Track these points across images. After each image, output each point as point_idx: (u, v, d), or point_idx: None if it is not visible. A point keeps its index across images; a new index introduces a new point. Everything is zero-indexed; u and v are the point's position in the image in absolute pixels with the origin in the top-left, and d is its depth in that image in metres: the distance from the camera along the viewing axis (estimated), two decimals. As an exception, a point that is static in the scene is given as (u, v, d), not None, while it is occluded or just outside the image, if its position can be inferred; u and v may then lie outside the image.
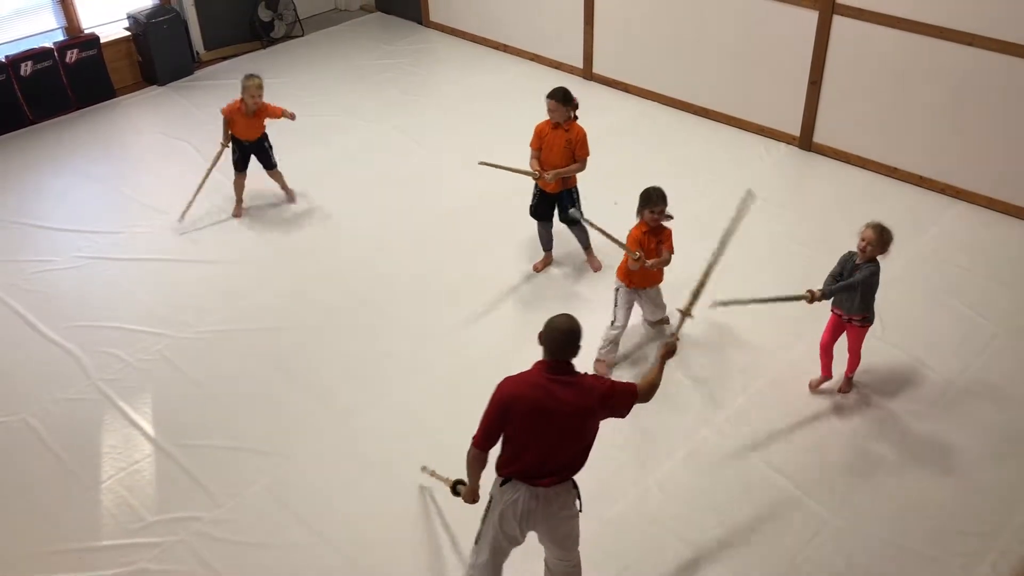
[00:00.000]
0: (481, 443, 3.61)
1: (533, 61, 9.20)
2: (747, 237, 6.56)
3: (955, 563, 4.30)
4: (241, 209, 6.94)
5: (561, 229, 6.12)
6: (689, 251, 6.22)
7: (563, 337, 3.52)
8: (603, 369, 5.37)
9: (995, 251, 6.36)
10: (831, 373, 5.29)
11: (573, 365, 3.57)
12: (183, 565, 4.37)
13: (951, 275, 6.13)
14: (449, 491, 4.29)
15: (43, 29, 8.50)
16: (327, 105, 8.45)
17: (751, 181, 7.23)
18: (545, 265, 6.28)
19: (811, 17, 7.12)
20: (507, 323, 5.82)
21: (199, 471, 4.85)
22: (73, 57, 8.42)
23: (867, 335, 5.14)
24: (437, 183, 7.25)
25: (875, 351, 5.43)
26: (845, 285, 4.84)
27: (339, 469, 4.85)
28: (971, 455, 4.85)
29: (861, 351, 5.14)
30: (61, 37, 8.58)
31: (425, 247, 6.57)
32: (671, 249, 5.18)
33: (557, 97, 5.64)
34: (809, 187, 7.30)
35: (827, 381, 5.30)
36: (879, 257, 4.85)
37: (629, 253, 4.99)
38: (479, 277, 6.20)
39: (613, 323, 5.33)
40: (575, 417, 3.52)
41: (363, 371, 5.50)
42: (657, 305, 5.46)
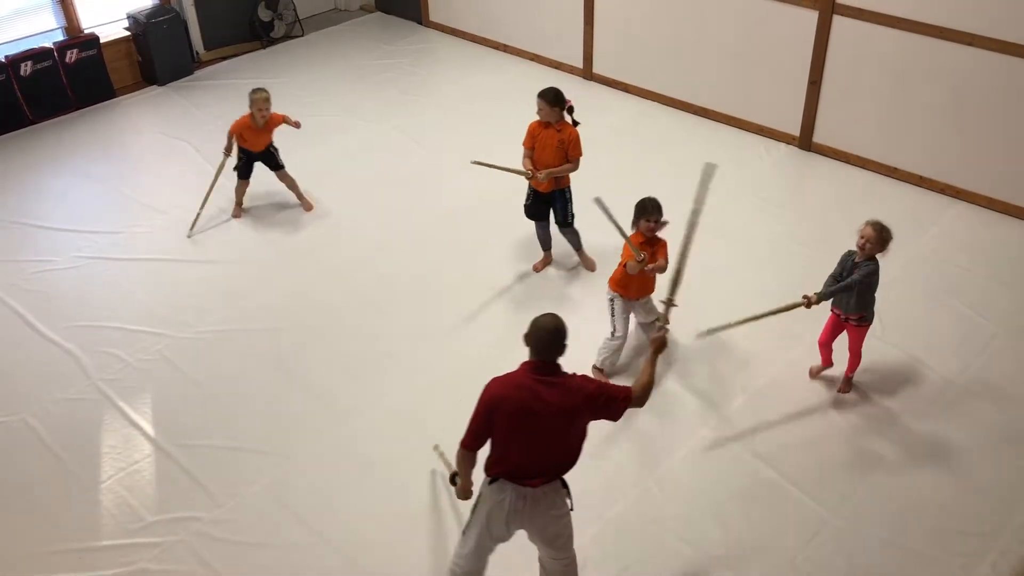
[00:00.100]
0: (469, 444, 3.62)
1: (533, 61, 9.20)
2: (747, 237, 6.60)
3: (955, 563, 4.30)
4: (240, 211, 6.95)
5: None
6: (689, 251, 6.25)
7: (548, 336, 3.50)
8: (602, 378, 5.35)
9: (995, 251, 6.36)
10: (831, 362, 5.30)
11: (559, 365, 3.55)
12: (183, 565, 4.37)
13: (951, 275, 6.13)
14: (449, 479, 4.31)
15: (43, 29, 8.50)
16: (327, 105, 8.45)
17: (751, 181, 7.25)
18: (545, 265, 6.28)
19: (811, 17, 7.12)
20: (508, 323, 5.82)
21: (199, 471, 4.85)
22: (73, 57, 8.42)
23: (869, 336, 5.14)
24: (437, 183, 7.26)
25: (875, 351, 5.43)
26: (842, 287, 4.84)
27: (339, 469, 4.85)
28: (971, 455, 4.85)
29: (861, 351, 5.14)
30: (61, 37, 8.57)
31: (425, 247, 6.57)
32: (665, 257, 5.13)
33: (547, 98, 5.61)
34: (809, 187, 7.31)
35: (827, 369, 5.32)
36: (878, 256, 4.85)
37: (635, 252, 4.97)
38: (479, 277, 6.20)
39: (614, 334, 5.26)
40: (560, 417, 3.49)
41: (363, 371, 5.50)
42: (649, 311, 5.46)
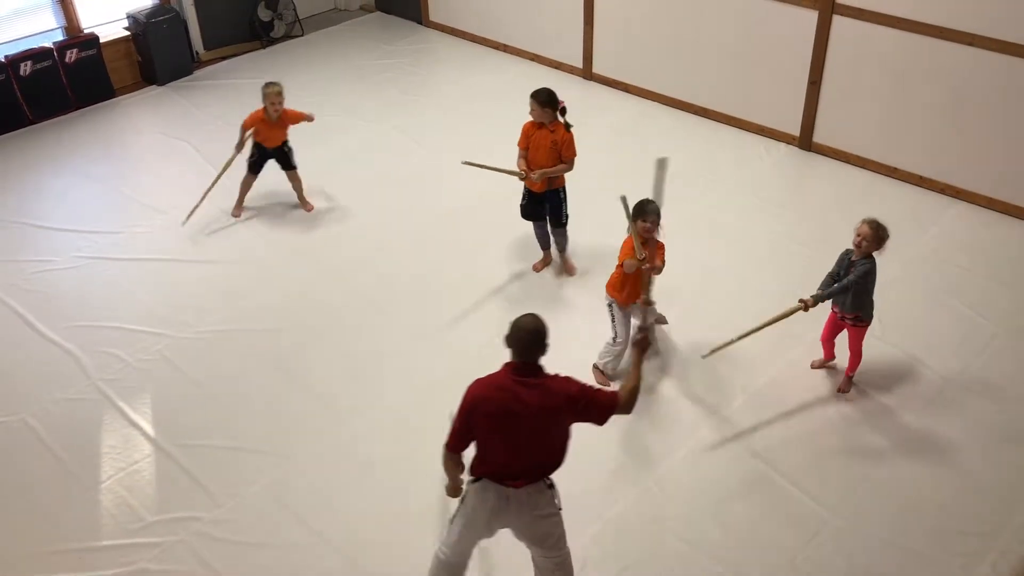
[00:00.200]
0: (452, 445, 3.63)
1: (533, 61, 9.20)
2: (747, 237, 6.60)
3: (955, 563, 4.30)
4: (240, 209, 6.93)
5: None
6: (688, 250, 6.26)
7: (529, 337, 3.50)
8: (600, 377, 5.34)
9: (995, 251, 6.36)
10: (834, 355, 5.32)
11: (541, 366, 3.54)
12: (183, 565, 4.37)
13: (951, 275, 6.13)
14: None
15: (43, 29, 8.49)
16: (327, 105, 8.44)
17: (751, 181, 7.25)
18: (544, 265, 6.27)
19: (811, 17, 7.12)
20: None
21: (199, 471, 4.85)
22: (73, 57, 8.42)
23: (869, 336, 5.14)
24: (437, 183, 7.25)
25: (875, 351, 5.43)
26: (838, 288, 4.85)
27: (339, 469, 4.85)
28: (971, 455, 4.85)
29: (861, 350, 5.14)
30: (61, 37, 8.57)
31: (425, 247, 6.57)
32: (663, 261, 5.11)
33: (539, 99, 5.61)
34: (809, 187, 7.30)
35: (830, 362, 5.35)
36: (875, 254, 4.85)
37: (638, 249, 4.97)
38: (479, 277, 6.20)
39: (615, 339, 5.25)
40: (540, 419, 3.48)
41: (363, 371, 5.49)
42: (650, 313, 5.44)
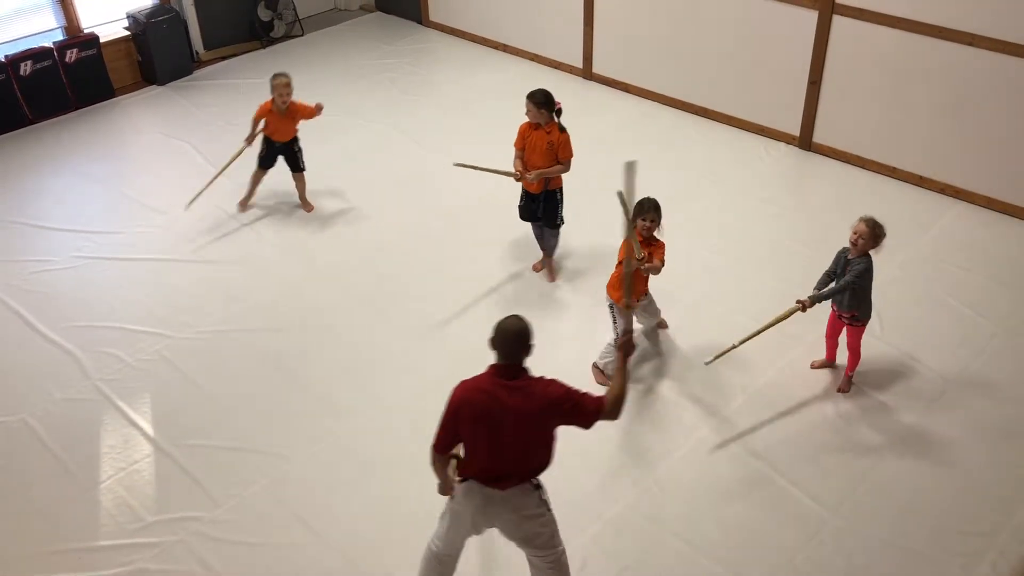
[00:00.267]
0: (438, 447, 3.63)
1: (533, 61, 9.19)
2: (747, 237, 6.60)
3: (955, 563, 4.30)
4: (247, 203, 6.92)
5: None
6: (689, 250, 6.26)
7: (512, 339, 3.50)
8: (599, 377, 5.34)
9: (995, 251, 6.36)
10: (835, 358, 5.32)
11: (525, 369, 3.53)
12: (182, 565, 4.37)
13: (951, 275, 6.13)
14: None
15: (43, 29, 8.50)
16: (327, 105, 8.35)
17: (751, 181, 7.25)
18: (544, 265, 6.27)
19: (811, 17, 7.12)
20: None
21: (198, 471, 4.85)
22: (73, 57, 8.42)
23: (868, 336, 5.13)
24: (437, 183, 7.25)
25: (875, 350, 5.43)
26: (836, 289, 4.86)
27: (339, 469, 4.85)
28: (971, 455, 4.85)
29: (860, 349, 5.14)
30: (61, 37, 8.57)
31: (425, 247, 6.57)
32: (661, 260, 5.08)
33: (534, 100, 5.61)
34: (809, 187, 7.30)
35: (829, 365, 5.34)
36: (872, 252, 4.85)
37: (636, 249, 4.95)
38: (479, 277, 6.20)
39: (616, 341, 5.26)
40: (523, 421, 3.48)
41: (363, 371, 5.49)
42: (651, 313, 5.43)
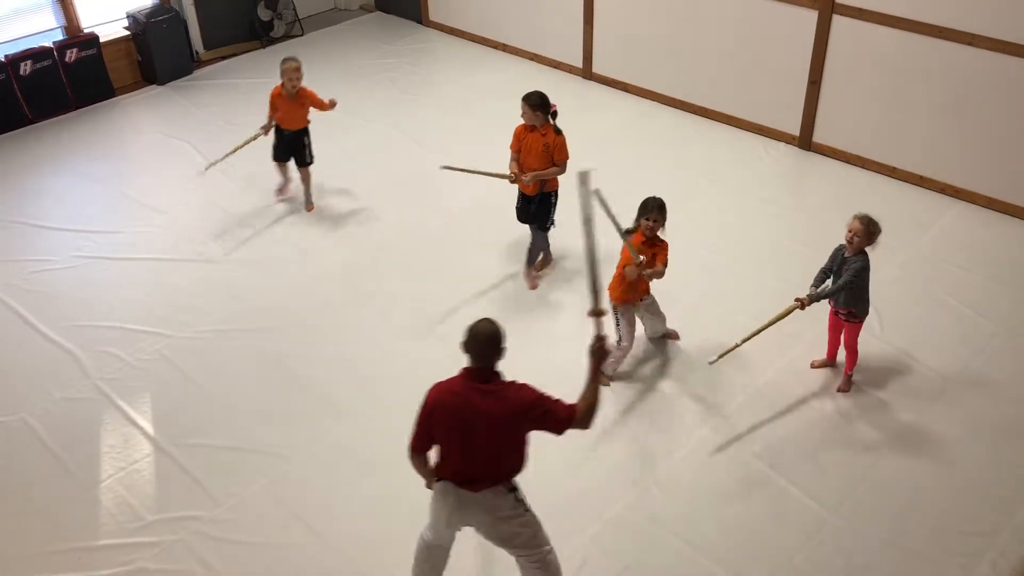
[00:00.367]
0: (414, 447, 3.68)
1: (533, 61, 9.19)
2: (747, 237, 6.60)
3: (955, 563, 4.30)
4: (285, 189, 7.06)
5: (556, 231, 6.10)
6: (688, 250, 6.26)
7: (484, 343, 3.52)
8: (601, 380, 5.32)
9: (995, 251, 6.36)
10: (835, 357, 5.33)
11: (497, 372, 3.55)
12: (182, 564, 4.37)
13: (951, 275, 6.13)
14: None
15: (42, 28, 8.50)
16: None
17: (750, 180, 7.25)
18: (544, 265, 6.27)
19: (811, 17, 7.12)
20: (506, 323, 5.79)
21: (198, 471, 4.85)
22: (73, 56, 8.42)
23: (868, 335, 5.13)
24: (437, 183, 7.23)
25: (874, 350, 5.43)
26: (834, 290, 4.87)
27: (339, 469, 4.85)
28: (971, 454, 4.85)
29: (857, 347, 5.15)
30: (60, 36, 8.57)
31: (425, 247, 6.57)
32: (664, 262, 5.08)
33: (530, 102, 5.61)
34: (809, 187, 7.31)
35: (829, 364, 5.35)
36: (868, 249, 4.86)
37: (634, 255, 4.95)
38: (479, 277, 6.20)
39: (619, 343, 5.22)
40: (494, 425, 3.50)
41: (363, 371, 5.49)
42: (656, 315, 5.41)
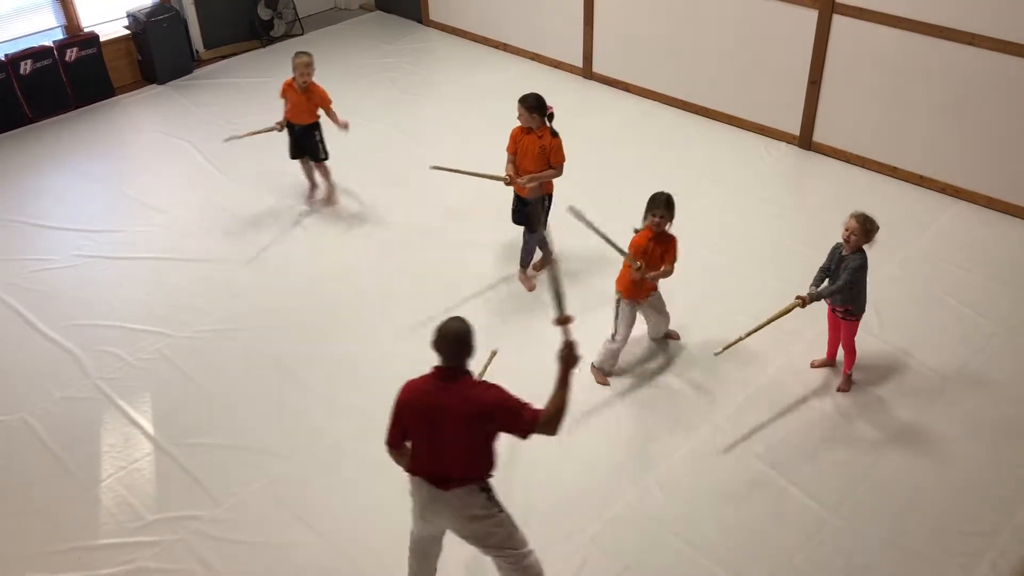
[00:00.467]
0: (389, 441, 3.73)
1: (533, 60, 9.19)
2: (747, 236, 6.60)
3: (955, 563, 4.30)
4: (313, 192, 7.07)
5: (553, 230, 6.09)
6: (689, 250, 6.23)
7: (453, 342, 3.52)
8: (599, 377, 5.35)
9: (994, 250, 6.36)
10: (835, 356, 5.33)
11: (465, 371, 3.57)
12: (182, 564, 4.37)
13: (950, 274, 6.13)
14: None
15: (43, 28, 8.50)
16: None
17: (751, 180, 7.25)
18: (544, 266, 6.27)
19: (811, 16, 7.11)
20: (506, 323, 5.81)
21: (199, 470, 4.85)
22: (73, 56, 8.41)
23: (867, 335, 5.13)
24: (437, 183, 7.22)
25: (874, 349, 5.43)
26: (834, 289, 4.87)
27: (339, 469, 4.85)
28: (971, 454, 4.85)
29: (855, 345, 5.15)
30: (61, 36, 8.57)
31: (425, 247, 6.57)
32: (674, 259, 5.08)
33: (526, 104, 5.61)
34: (809, 186, 7.31)
35: (829, 364, 5.36)
36: (865, 247, 4.86)
37: (630, 262, 4.94)
38: (480, 277, 6.20)
39: (614, 336, 5.21)
40: (459, 424, 3.51)
41: (363, 370, 5.49)
42: (661, 313, 5.39)
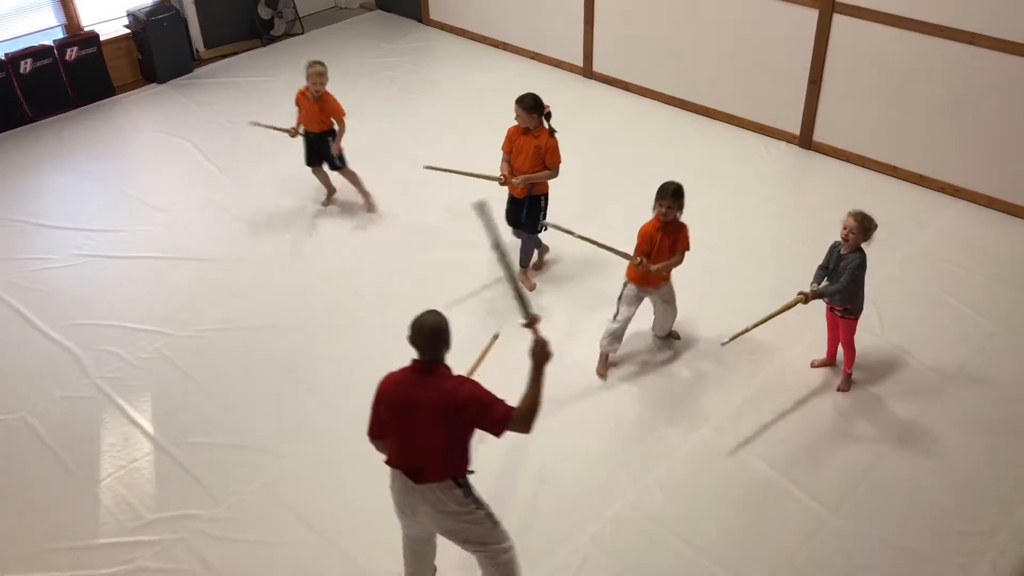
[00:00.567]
0: (369, 432, 3.77)
1: (533, 59, 9.19)
2: (747, 236, 6.60)
3: (955, 563, 4.30)
4: (330, 199, 7.05)
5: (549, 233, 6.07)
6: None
7: (428, 334, 3.55)
8: (598, 368, 5.38)
9: (994, 250, 6.36)
10: (835, 356, 5.33)
11: (440, 364, 3.59)
12: (182, 563, 4.37)
13: (950, 274, 6.13)
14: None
15: (43, 27, 8.50)
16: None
17: (751, 179, 7.25)
18: (541, 266, 6.26)
19: (811, 16, 7.11)
20: (508, 323, 5.80)
21: (198, 469, 4.85)
22: (73, 55, 8.41)
23: (867, 334, 5.13)
24: (437, 182, 7.22)
25: (874, 349, 5.43)
26: (835, 289, 4.87)
27: (339, 468, 4.85)
28: (970, 454, 4.85)
29: (854, 344, 5.15)
30: (61, 35, 8.57)
31: (425, 246, 6.57)
32: (685, 248, 5.10)
33: (524, 104, 5.62)
34: (809, 186, 7.30)
35: (829, 364, 5.36)
36: (863, 245, 4.87)
37: (627, 258, 4.95)
38: (480, 277, 6.19)
39: (615, 316, 5.27)
40: (431, 417, 3.52)
41: (363, 370, 5.46)
42: (669, 304, 5.39)
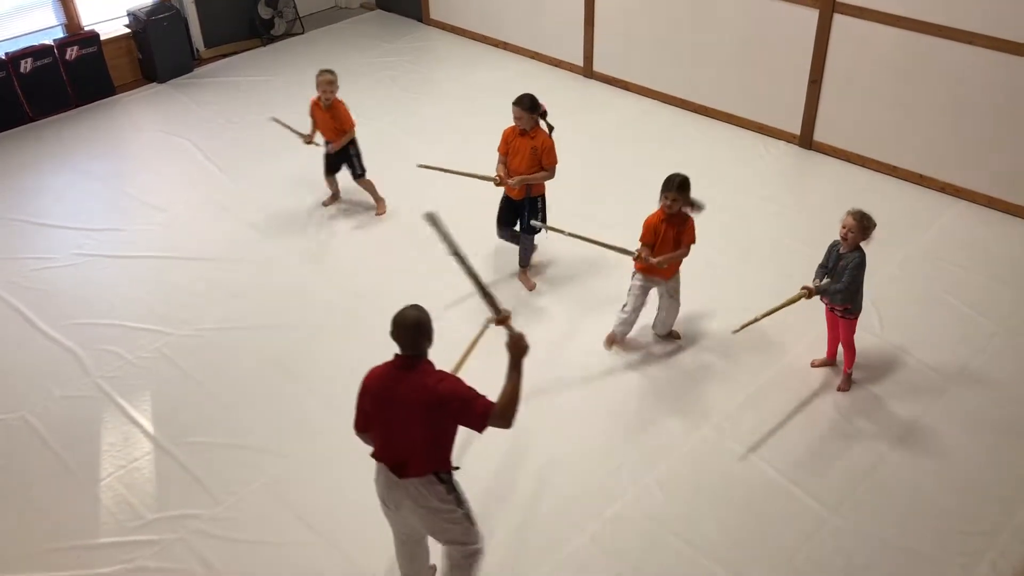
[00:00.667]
0: (355, 425, 3.81)
1: (534, 59, 9.19)
2: (747, 235, 6.59)
3: (955, 563, 4.30)
4: (331, 200, 7.03)
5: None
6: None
7: (410, 329, 3.56)
8: (609, 341, 5.53)
9: (995, 250, 6.36)
10: (835, 355, 5.34)
11: (422, 359, 3.59)
12: (182, 563, 4.37)
13: (951, 274, 6.12)
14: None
15: (43, 26, 8.51)
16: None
17: (751, 179, 7.25)
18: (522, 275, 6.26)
19: (811, 16, 7.11)
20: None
21: (198, 469, 4.85)
22: (73, 54, 8.42)
23: (868, 334, 5.13)
24: (437, 182, 7.22)
25: (874, 349, 5.43)
26: (836, 289, 4.87)
27: (339, 468, 4.85)
28: (971, 454, 4.85)
29: (854, 343, 5.15)
30: (61, 34, 8.58)
31: (425, 246, 6.55)
32: (691, 241, 5.19)
33: (523, 105, 5.62)
34: (809, 185, 7.30)
35: (829, 364, 5.36)
36: (862, 244, 4.87)
37: (623, 252, 4.96)
38: (482, 276, 6.17)
39: (624, 307, 5.41)
40: (411, 413, 3.54)
41: (363, 370, 5.45)
42: (673, 300, 5.44)
